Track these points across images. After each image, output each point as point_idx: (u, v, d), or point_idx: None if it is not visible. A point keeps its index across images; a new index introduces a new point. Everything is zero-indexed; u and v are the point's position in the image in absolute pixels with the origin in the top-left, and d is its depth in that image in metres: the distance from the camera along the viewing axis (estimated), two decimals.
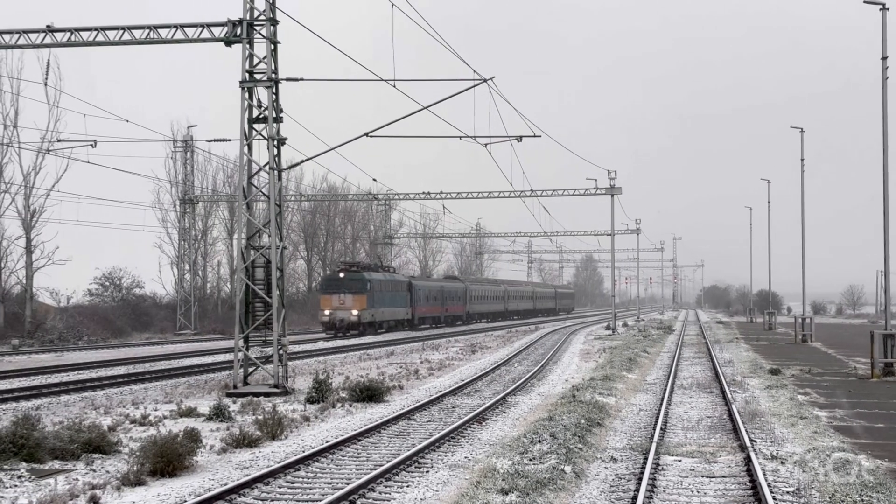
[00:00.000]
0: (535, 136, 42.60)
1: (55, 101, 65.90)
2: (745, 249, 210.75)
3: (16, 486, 16.72)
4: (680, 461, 19.09)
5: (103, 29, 32.33)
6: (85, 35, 32.48)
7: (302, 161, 38.14)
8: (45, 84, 43.77)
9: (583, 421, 22.49)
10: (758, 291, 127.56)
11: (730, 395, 29.56)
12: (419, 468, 18.41)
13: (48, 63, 39.73)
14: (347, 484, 16.55)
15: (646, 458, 18.73)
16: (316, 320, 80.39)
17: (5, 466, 17.99)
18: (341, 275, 73.45)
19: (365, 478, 16.67)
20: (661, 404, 27.69)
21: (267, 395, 30.42)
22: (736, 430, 22.75)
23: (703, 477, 17.54)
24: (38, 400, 29.90)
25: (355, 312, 71.38)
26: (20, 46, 33.18)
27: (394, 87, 33.98)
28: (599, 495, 15.96)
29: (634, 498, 15.53)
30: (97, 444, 19.75)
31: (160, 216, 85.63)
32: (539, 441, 19.60)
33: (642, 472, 17.35)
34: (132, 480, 16.79)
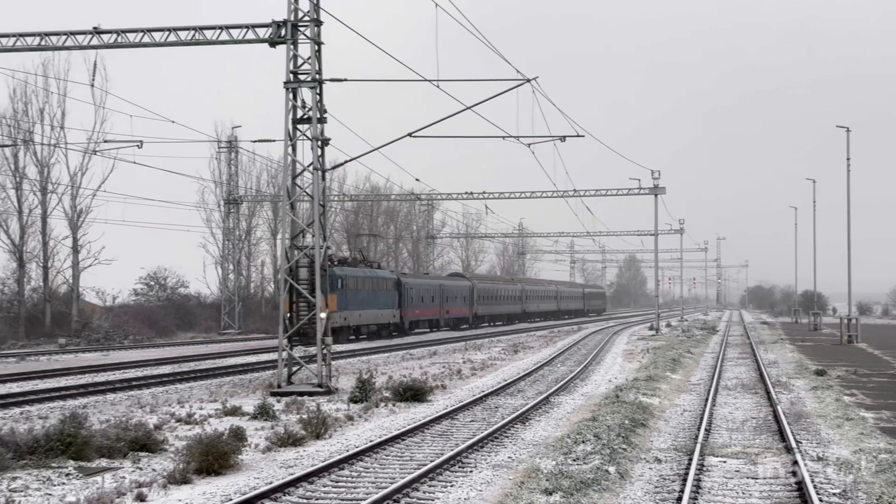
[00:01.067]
0: (578, 135, 42.52)
1: (101, 103, 66.53)
2: (790, 247, 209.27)
3: (64, 483, 16.89)
4: (725, 462, 18.99)
5: (149, 30, 32.57)
6: (131, 37, 32.73)
7: (345, 161, 38.32)
8: (92, 85, 44.01)
9: (627, 421, 22.42)
10: (803, 292, 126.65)
11: (775, 396, 29.37)
12: (463, 468, 18.42)
13: (95, 64, 39.99)
14: (391, 483, 16.59)
15: (690, 459, 18.64)
16: None
17: (53, 464, 18.18)
18: None
19: (409, 477, 16.71)
20: (705, 405, 27.55)
21: (311, 394, 30.55)
22: (781, 432, 22.60)
23: (747, 478, 17.44)
24: (85, 399, 30.19)
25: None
26: (67, 48, 33.49)
27: (437, 87, 34.06)
28: (644, 496, 15.91)
29: (679, 499, 15.47)
30: (143, 443, 19.92)
31: (205, 216, 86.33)
32: (583, 441, 19.58)
33: (687, 473, 17.27)
34: (178, 479, 16.91)
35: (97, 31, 32.80)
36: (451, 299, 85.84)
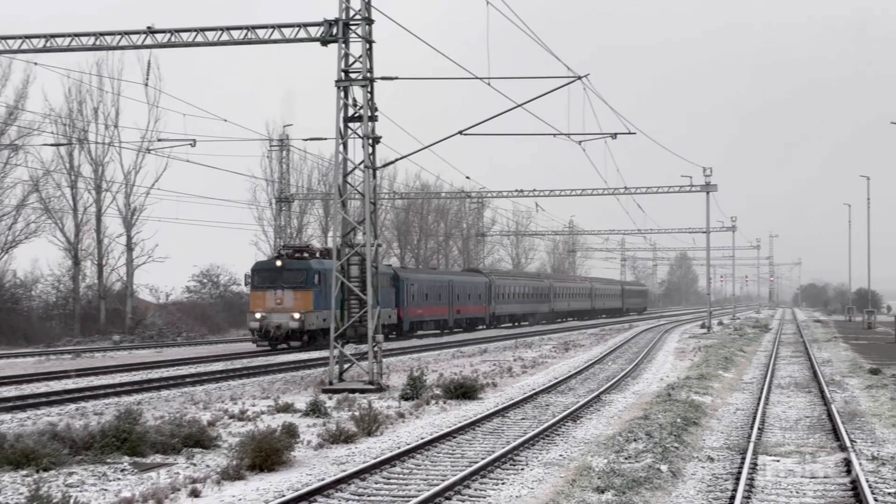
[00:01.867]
0: (629, 132, 42.32)
1: (155, 102, 67.07)
2: (843, 244, 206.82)
3: (119, 479, 17.07)
4: (778, 461, 18.85)
5: (202, 30, 32.83)
6: (185, 36, 33.00)
7: (396, 159, 38.44)
8: (146, 84, 44.40)
9: (679, 420, 22.32)
10: (856, 290, 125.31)
11: (829, 395, 29.12)
12: (514, 465, 18.42)
13: (149, 64, 40.42)
14: (443, 480, 16.61)
15: (743, 458, 18.53)
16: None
17: (108, 460, 18.39)
18: (278, 262, 53.45)
19: (460, 475, 16.73)
20: (758, 403, 27.36)
21: (362, 391, 30.66)
22: (835, 430, 22.41)
23: (801, 477, 17.31)
24: (140, 395, 30.49)
25: (297, 316, 51.48)
26: (122, 47, 33.83)
27: (488, 84, 34.06)
28: (696, 495, 15.83)
29: (732, 498, 15.37)
30: (197, 439, 20.09)
31: (256, 214, 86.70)
32: (635, 440, 19.52)
33: (740, 472, 17.17)
34: (231, 475, 17.04)
35: (151, 31, 33.09)
36: (462, 297, 77.67)
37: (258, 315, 51.85)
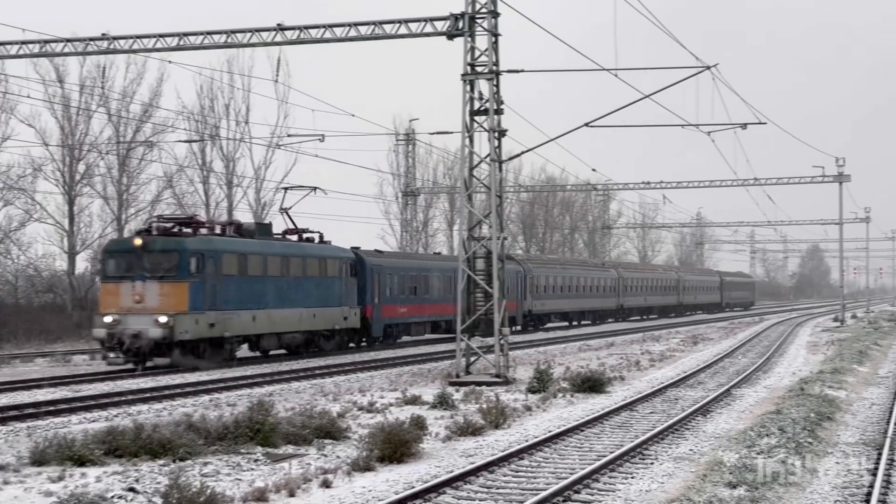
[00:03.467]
0: (760, 122, 41.56)
1: (284, 97, 68.04)
2: None
3: (252, 469, 17.39)
4: None
5: (330, 26, 33.21)
6: (313, 32, 33.43)
7: (522, 152, 38.37)
8: (276, 81, 45.00)
9: (812, 414, 21.89)
10: None
11: None
12: (643, 460, 18.27)
13: (279, 60, 40.78)
14: (571, 474, 16.56)
15: (880, 454, 18.09)
16: None
17: (242, 450, 18.74)
18: (137, 241, 36.72)
19: (589, 468, 16.67)
20: (894, 398, 26.67)
21: (488, 384, 30.70)
22: None
23: None
24: (271, 387, 31.02)
25: (163, 319, 35.17)
26: (253, 45, 34.43)
27: (615, 76, 33.80)
28: (831, 491, 15.50)
29: (869, 494, 15.03)
30: (327, 430, 20.34)
31: (383, 208, 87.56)
32: (767, 434, 19.21)
33: (876, 468, 16.76)
34: (362, 466, 17.22)
35: (281, 28, 33.58)
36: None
37: (108, 318, 35.51)
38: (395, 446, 17.97)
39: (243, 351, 40.81)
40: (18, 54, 36.04)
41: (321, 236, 45.92)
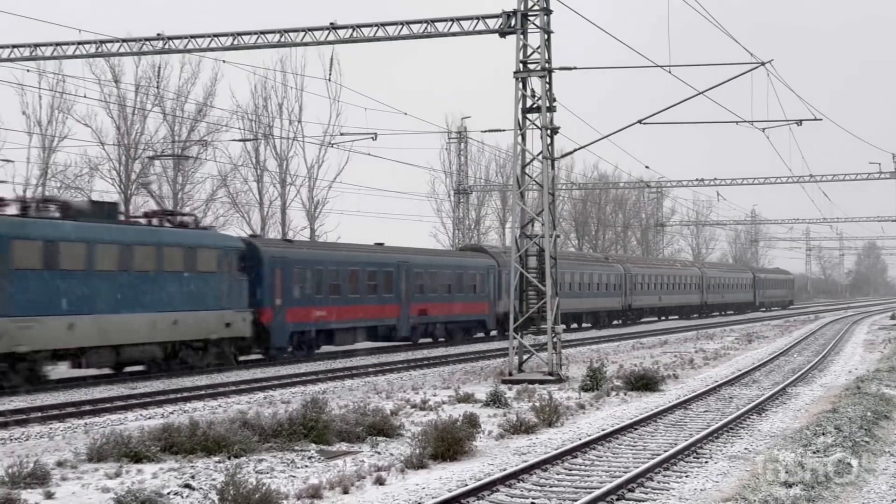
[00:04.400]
0: (815, 119, 41.16)
1: (336, 96, 68.25)
2: None
3: (306, 466, 17.48)
4: None
5: (382, 24, 33.29)
6: (366, 31, 33.53)
7: (574, 150, 38.31)
8: (328, 80, 45.20)
9: (869, 413, 21.64)
10: None
11: None
12: (697, 458, 18.16)
13: (331, 59, 41.06)
14: (625, 472, 16.48)
15: None
16: None
17: (296, 447, 18.85)
18: None
19: (643, 466, 16.59)
20: None
21: (541, 382, 30.66)
22: None
23: None
24: (325, 384, 31.18)
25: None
26: (305, 44, 34.64)
27: (669, 72, 33.62)
28: (889, 490, 15.32)
29: None
30: (380, 428, 20.40)
31: (435, 206, 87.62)
32: (823, 433, 19.01)
33: None
34: (415, 463, 17.25)
35: (333, 27, 33.70)
36: (438, 289, 48.93)
37: None
38: (448, 444, 17.98)
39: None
40: (75, 55, 36.55)
41: (197, 221, 37.52)
